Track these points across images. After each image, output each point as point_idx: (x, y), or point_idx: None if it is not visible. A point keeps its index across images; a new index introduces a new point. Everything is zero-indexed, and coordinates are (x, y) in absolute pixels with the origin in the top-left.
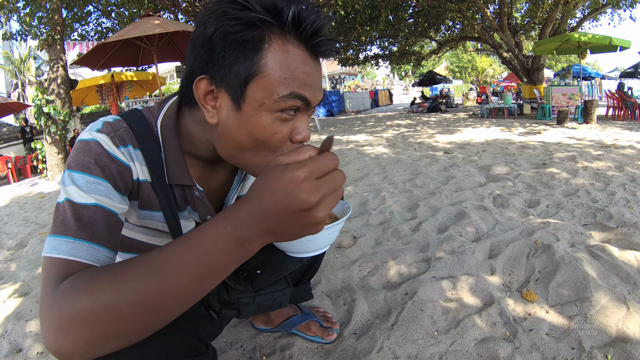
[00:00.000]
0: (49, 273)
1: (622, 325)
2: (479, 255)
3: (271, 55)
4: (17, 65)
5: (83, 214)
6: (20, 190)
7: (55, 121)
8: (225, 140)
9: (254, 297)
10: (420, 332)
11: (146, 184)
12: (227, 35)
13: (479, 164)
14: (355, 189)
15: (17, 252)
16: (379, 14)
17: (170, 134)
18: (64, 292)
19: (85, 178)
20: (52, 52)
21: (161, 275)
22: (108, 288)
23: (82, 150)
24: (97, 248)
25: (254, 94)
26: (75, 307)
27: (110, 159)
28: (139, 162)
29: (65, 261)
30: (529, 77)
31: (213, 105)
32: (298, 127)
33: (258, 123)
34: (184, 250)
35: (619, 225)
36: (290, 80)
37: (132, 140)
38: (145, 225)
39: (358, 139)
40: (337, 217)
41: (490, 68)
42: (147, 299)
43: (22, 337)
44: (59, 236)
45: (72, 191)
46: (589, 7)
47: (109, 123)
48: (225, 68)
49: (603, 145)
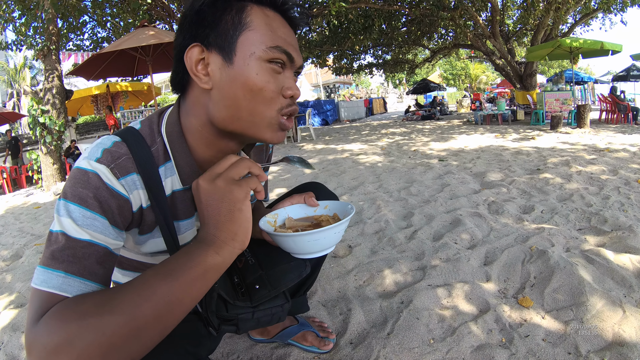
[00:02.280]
0: (38, 305)
1: (619, 328)
2: (474, 263)
3: (255, 14)
4: (12, 75)
5: (76, 248)
6: (16, 201)
7: (50, 131)
8: (222, 101)
9: (253, 312)
10: (416, 340)
11: (148, 208)
12: (216, 2)
13: (473, 171)
14: (350, 198)
15: (13, 263)
16: (372, 23)
17: (178, 138)
18: (51, 319)
19: (81, 212)
20: (47, 62)
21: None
22: (95, 313)
23: (81, 182)
24: (88, 284)
25: (245, 45)
26: (61, 334)
27: (109, 193)
28: (141, 188)
29: (55, 295)
30: (522, 83)
31: (205, 72)
32: (287, 83)
33: (251, 71)
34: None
35: (614, 228)
36: (274, 35)
37: (133, 166)
38: (142, 250)
39: (353, 148)
40: (340, 217)
41: (484, 75)
42: (131, 322)
43: (18, 349)
44: (50, 269)
45: (67, 224)
46: (580, 12)
47: (109, 151)
48: (216, 29)
49: (597, 149)
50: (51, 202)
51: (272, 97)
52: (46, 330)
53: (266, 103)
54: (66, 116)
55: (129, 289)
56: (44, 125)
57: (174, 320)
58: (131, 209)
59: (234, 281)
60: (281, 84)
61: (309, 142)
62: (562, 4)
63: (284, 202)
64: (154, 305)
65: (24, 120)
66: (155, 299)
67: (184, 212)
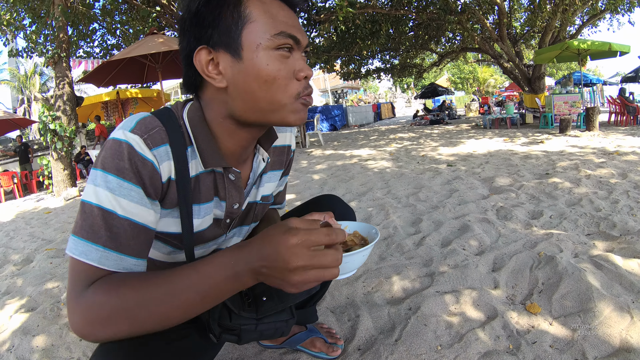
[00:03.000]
0: (78, 275)
1: (626, 334)
2: (482, 269)
3: (252, 5)
4: (23, 82)
5: (113, 224)
6: (26, 206)
7: (61, 137)
8: (239, 96)
9: (257, 325)
10: (424, 347)
11: (174, 181)
12: (211, 1)
13: (482, 176)
14: (359, 204)
15: (24, 268)
16: (379, 28)
17: (200, 122)
18: (94, 294)
19: (119, 182)
20: (58, 70)
21: (173, 292)
22: (133, 296)
23: (116, 152)
24: (125, 258)
25: (250, 38)
26: (103, 307)
27: (142, 163)
28: (171, 159)
29: (95, 268)
30: (530, 86)
31: (217, 72)
32: (298, 65)
33: (261, 63)
34: (193, 274)
35: (623, 233)
36: (276, 22)
37: (166, 138)
38: (159, 229)
39: (361, 154)
40: (366, 239)
41: (492, 78)
42: (162, 309)
43: (29, 352)
44: (88, 242)
45: (104, 196)
46: (588, 13)
47: (143, 122)
48: (218, 29)
49: (606, 153)
50: (62, 208)
51: (287, 82)
52: (92, 302)
53: (282, 90)
54: (77, 122)
55: (163, 285)
56: (55, 131)
57: (196, 313)
58: (161, 180)
59: (242, 291)
60: (292, 67)
61: (317, 148)
62: (570, 6)
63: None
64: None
65: (35, 126)
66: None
67: (205, 196)
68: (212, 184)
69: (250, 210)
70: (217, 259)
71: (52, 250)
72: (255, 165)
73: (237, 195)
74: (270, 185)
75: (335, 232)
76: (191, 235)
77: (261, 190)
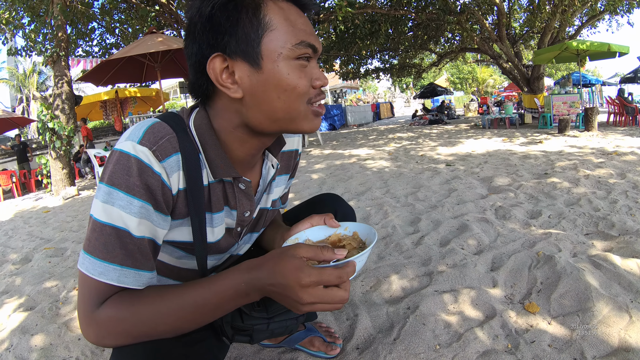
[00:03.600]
0: (93, 292)
1: (625, 334)
2: (480, 268)
3: (271, 11)
4: (21, 80)
5: (127, 242)
6: (25, 205)
7: (59, 136)
8: (256, 106)
9: (268, 323)
10: (422, 346)
11: (183, 191)
12: (227, 5)
13: (480, 176)
14: (357, 204)
15: (22, 267)
16: (378, 28)
17: (207, 130)
18: (109, 311)
19: (129, 200)
20: (56, 69)
21: (188, 306)
22: (147, 313)
23: (125, 168)
24: (142, 273)
25: (270, 48)
26: (119, 324)
27: (153, 178)
28: (181, 169)
29: (114, 287)
30: (529, 86)
31: (232, 81)
32: (315, 74)
33: (282, 73)
34: (205, 291)
35: (621, 233)
36: (296, 30)
37: (176, 146)
38: (167, 238)
39: (360, 153)
40: (365, 242)
41: (491, 78)
42: (174, 321)
43: (27, 351)
44: (105, 262)
45: (117, 215)
46: (587, 14)
47: (151, 132)
48: (235, 36)
49: (604, 153)
50: (60, 207)
51: (305, 91)
52: (108, 319)
53: (300, 98)
54: (75, 121)
55: (175, 301)
56: (53, 130)
57: (206, 323)
58: (171, 193)
59: None
60: (310, 75)
61: (316, 147)
62: (569, 7)
63: (304, 223)
64: (196, 318)
65: (33, 125)
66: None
67: (216, 206)
68: (222, 193)
69: (261, 217)
70: (228, 279)
71: (51, 250)
72: (264, 171)
73: (249, 204)
74: (279, 189)
75: (346, 273)
76: (204, 244)
77: (271, 196)
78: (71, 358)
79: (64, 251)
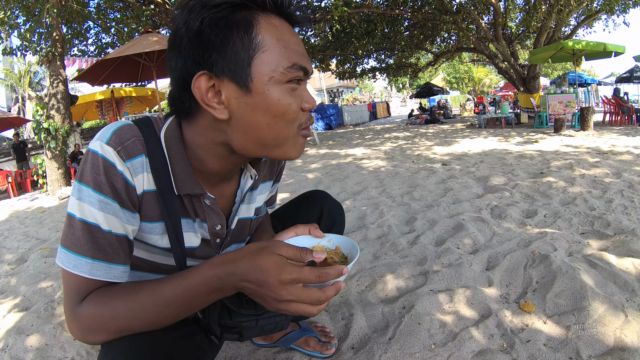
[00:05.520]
0: (72, 287)
1: (620, 333)
2: (476, 268)
3: (264, 30)
4: (16, 80)
5: (98, 237)
6: (20, 205)
7: (55, 136)
8: (243, 129)
9: (257, 320)
10: (418, 345)
11: (151, 194)
12: (218, 22)
13: (476, 175)
14: (353, 203)
15: (18, 267)
16: (374, 28)
17: (176, 144)
18: (89, 307)
19: (97, 197)
20: (52, 68)
21: (160, 302)
22: (123, 308)
23: (94, 166)
24: (113, 266)
25: (261, 70)
26: (98, 319)
27: (117, 177)
28: (147, 171)
29: (87, 280)
30: (525, 86)
31: (218, 101)
32: (304, 96)
33: (272, 98)
34: (178, 286)
35: (617, 232)
36: (288, 51)
37: (142, 148)
38: (142, 239)
39: (356, 153)
40: (346, 256)
41: (487, 78)
42: (150, 316)
43: (23, 352)
44: (77, 255)
45: (87, 210)
46: (583, 14)
47: (118, 133)
48: (224, 54)
49: (600, 152)
50: (56, 207)
51: (295, 117)
52: (88, 315)
53: (289, 123)
54: (71, 121)
55: (150, 297)
56: (48, 130)
57: (184, 317)
58: (136, 192)
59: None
60: (299, 99)
61: (312, 147)
62: (564, 6)
63: (288, 232)
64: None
65: (29, 125)
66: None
67: (186, 213)
68: (190, 204)
69: (244, 227)
70: (199, 274)
71: (46, 250)
72: (242, 182)
73: (218, 218)
74: (262, 197)
75: (326, 273)
76: (181, 247)
77: (253, 205)
78: (67, 358)
79: (57, 262)
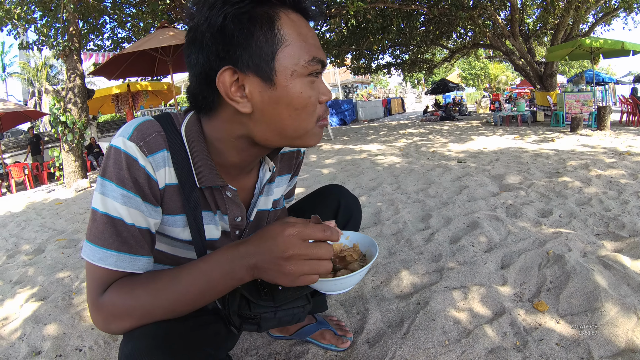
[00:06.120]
0: (97, 279)
1: (632, 335)
2: (490, 266)
3: (286, 25)
4: (33, 74)
5: (121, 230)
6: (37, 197)
7: (72, 130)
8: (266, 122)
9: (275, 312)
10: (432, 341)
11: (172, 187)
12: (241, 17)
13: (492, 174)
14: (368, 199)
15: (35, 257)
16: (390, 23)
17: (196, 138)
18: (112, 296)
19: (121, 191)
20: (69, 62)
21: (180, 290)
22: (145, 296)
23: (116, 162)
24: (137, 258)
25: (284, 64)
26: (120, 307)
27: (139, 171)
28: (168, 165)
29: (111, 271)
30: (542, 83)
31: (241, 95)
32: (322, 89)
33: (295, 91)
34: (195, 272)
35: (632, 234)
36: (308, 45)
37: (164, 143)
38: (164, 232)
39: (371, 149)
40: (365, 256)
41: (503, 75)
42: (170, 304)
43: (40, 340)
44: (102, 248)
45: (111, 205)
46: (601, 11)
47: (140, 128)
48: (248, 49)
49: (617, 153)
50: (72, 199)
51: (314, 108)
52: (111, 304)
53: (309, 115)
54: (87, 115)
55: (169, 284)
56: (65, 123)
57: (202, 305)
58: (158, 186)
59: (257, 281)
60: (318, 91)
61: (327, 142)
62: (582, 3)
63: None
64: (189, 299)
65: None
66: (190, 295)
67: (207, 206)
68: (211, 197)
69: (262, 218)
70: (214, 258)
71: (64, 241)
72: (261, 174)
73: (238, 210)
74: (280, 189)
75: (331, 230)
76: (202, 240)
77: (271, 197)
78: (84, 347)
79: (77, 242)
